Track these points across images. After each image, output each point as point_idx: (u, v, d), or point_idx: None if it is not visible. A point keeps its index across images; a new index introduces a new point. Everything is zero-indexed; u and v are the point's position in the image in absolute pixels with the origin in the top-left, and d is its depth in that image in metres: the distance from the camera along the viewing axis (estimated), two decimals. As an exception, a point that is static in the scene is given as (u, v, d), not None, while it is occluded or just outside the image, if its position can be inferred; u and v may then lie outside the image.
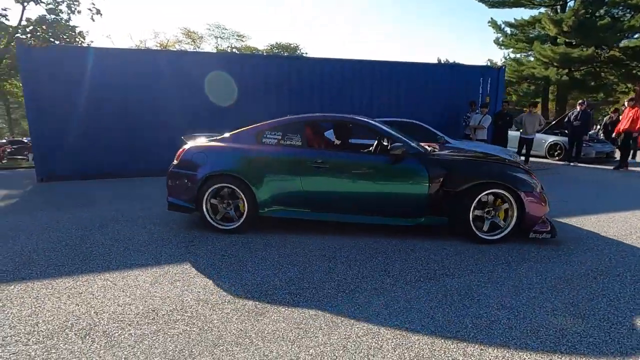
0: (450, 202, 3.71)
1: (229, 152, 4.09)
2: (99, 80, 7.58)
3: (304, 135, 4.10)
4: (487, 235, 3.71)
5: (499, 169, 3.79)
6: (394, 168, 3.81)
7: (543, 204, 3.68)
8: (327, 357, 1.95)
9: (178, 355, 1.97)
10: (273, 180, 3.96)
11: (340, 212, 4.00)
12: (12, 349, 2.03)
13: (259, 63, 9.06)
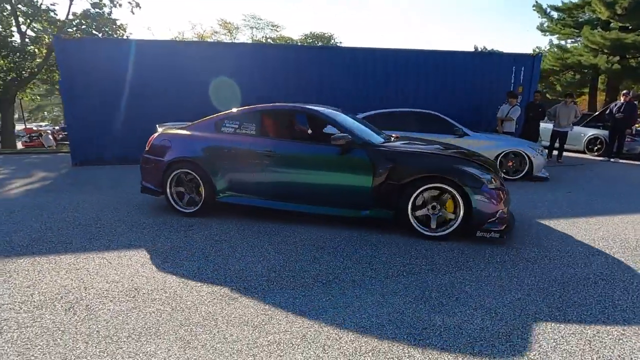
0: (394, 195, 3.59)
1: (190, 139, 4.30)
2: (132, 70, 7.95)
3: (259, 124, 4.19)
4: (429, 231, 3.55)
5: (444, 163, 3.62)
6: (341, 159, 3.77)
7: (494, 202, 3.40)
8: (284, 344, 1.98)
9: (145, 332, 2.08)
10: (228, 167, 4.11)
11: (289, 200, 4.02)
12: (4, 315, 2.24)
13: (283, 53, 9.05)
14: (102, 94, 7.93)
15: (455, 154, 3.82)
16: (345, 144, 3.69)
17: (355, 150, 3.74)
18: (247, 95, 7.88)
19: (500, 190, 3.49)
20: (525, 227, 3.99)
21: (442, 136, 6.49)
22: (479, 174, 3.47)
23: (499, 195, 3.45)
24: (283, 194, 4.03)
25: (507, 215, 3.53)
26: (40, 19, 15.47)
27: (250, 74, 8.51)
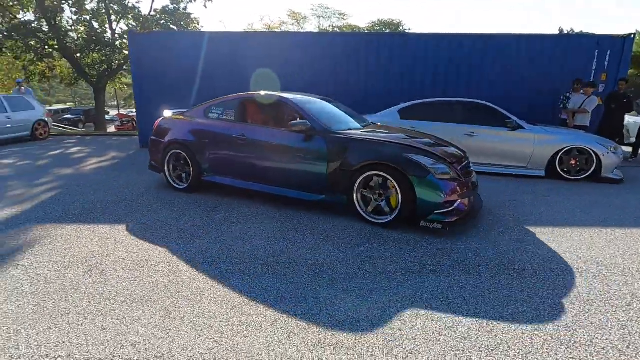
0: (347, 180, 3.71)
1: (182, 123, 4.85)
2: (194, 59, 8.58)
3: (237, 111, 4.55)
4: (373, 218, 3.64)
5: (391, 151, 3.58)
6: (302, 145, 3.97)
7: (442, 193, 3.34)
8: (253, 326, 2.04)
9: (139, 299, 2.30)
10: (210, 149, 4.56)
11: (260, 182, 4.33)
12: (38, 271, 2.65)
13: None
14: (167, 82, 8.69)
15: (410, 144, 3.70)
16: (305, 130, 3.90)
17: (315, 137, 3.92)
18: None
19: (455, 182, 3.45)
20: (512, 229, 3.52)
21: (490, 128, 5.94)
22: (428, 164, 3.42)
23: (451, 187, 3.40)
24: (254, 175, 4.36)
25: (467, 207, 3.50)
26: (127, 16, 17.35)
27: (312, 63, 8.63)
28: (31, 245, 3.09)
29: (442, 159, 3.55)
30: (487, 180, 5.57)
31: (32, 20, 15.99)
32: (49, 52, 16.66)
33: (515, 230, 3.59)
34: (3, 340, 1.90)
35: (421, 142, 3.87)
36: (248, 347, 1.87)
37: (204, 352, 1.82)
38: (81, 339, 1.91)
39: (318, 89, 7.46)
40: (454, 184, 3.43)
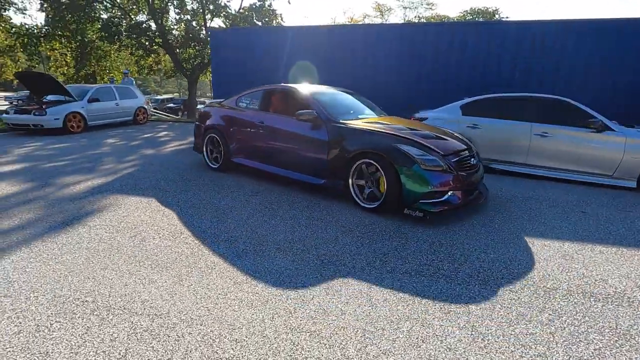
0: (342, 167, 3.96)
1: (217, 111, 5.53)
2: (266, 52, 9.13)
3: (260, 101, 5.11)
4: (365, 203, 3.85)
5: (382, 140, 3.76)
6: (309, 133, 4.28)
7: (426, 183, 3.46)
8: (245, 303, 2.18)
9: (162, 265, 2.62)
10: (237, 134, 5.14)
11: (274, 165, 4.76)
12: (98, 232, 3.17)
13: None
14: (240, 73, 9.37)
15: (403, 135, 3.79)
16: (311, 119, 4.23)
17: (320, 126, 4.22)
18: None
19: (447, 174, 3.53)
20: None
21: (569, 129, 5.17)
22: (415, 155, 3.53)
23: (441, 179, 3.50)
24: (270, 158, 4.81)
25: (461, 200, 3.62)
26: (219, 14, 18.99)
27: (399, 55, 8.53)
28: (100, 210, 3.70)
29: (434, 151, 3.61)
30: (558, 187, 4.90)
31: (143, 20, 18.56)
32: (155, 48, 19.17)
33: (557, 248, 3.13)
34: (53, 281, 2.36)
35: (417, 134, 3.92)
36: (232, 320, 2.02)
37: (195, 317, 2.03)
38: (106, 290, 2.27)
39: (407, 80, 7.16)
40: (444, 176, 3.52)
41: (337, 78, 8.33)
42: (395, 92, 8.38)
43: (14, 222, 3.34)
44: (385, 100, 6.79)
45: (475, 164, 3.92)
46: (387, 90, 8.41)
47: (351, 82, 8.16)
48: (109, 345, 1.79)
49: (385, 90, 8.37)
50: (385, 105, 5.70)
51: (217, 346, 1.81)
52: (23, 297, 2.18)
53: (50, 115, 9.02)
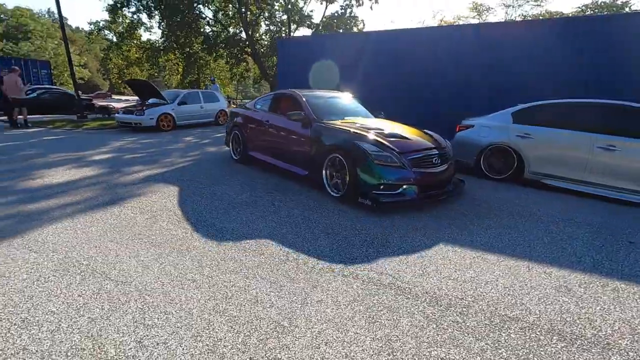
0: (320, 160, 4.55)
1: (240, 111, 6.59)
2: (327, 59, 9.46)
3: (270, 103, 5.98)
4: (332, 191, 4.43)
5: (346, 138, 4.32)
6: (300, 130, 4.95)
7: (377, 176, 3.91)
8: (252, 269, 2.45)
9: (156, 243, 3.06)
10: (251, 132, 6.08)
11: (277, 158, 5.49)
12: (130, 212, 3.80)
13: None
14: (303, 80, 9.86)
15: (366, 133, 4.26)
16: (299, 119, 4.94)
17: (308, 125, 4.87)
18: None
19: (401, 170, 3.95)
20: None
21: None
22: (371, 150, 4.00)
23: (393, 173, 3.93)
24: (275, 154, 5.54)
25: (418, 195, 4.01)
26: (304, 24, 20.09)
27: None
28: (139, 195, 4.40)
29: (391, 149, 4.03)
30: (600, 207, 4.10)
31: (236, 32, 20.70)
32: (245, 57, 21.19)
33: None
34: (71, 246, 2.96)
35: (383, 133, 4.34)
36: (175, 296, 2.29)
37: (148, 290, 2.36)
38: (100, 258, 2.77)
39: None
40: (398, 171, 3.94)
41: (392, 80, 8.21)
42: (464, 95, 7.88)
43: (75, 199, 4.21)
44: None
45: (438, 162, 4.23)
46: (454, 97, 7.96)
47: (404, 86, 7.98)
48: (74, 298, 2.23)
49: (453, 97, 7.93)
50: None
51: (148, 316, 2.10)
52: (44, 254, 2.80)
53: (147, 115, 10.78)
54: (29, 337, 1.88)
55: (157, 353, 1.79)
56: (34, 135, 9.50)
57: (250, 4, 18.93)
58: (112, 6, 21.57)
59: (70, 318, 2.04)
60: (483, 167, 5.63)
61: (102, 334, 1.92)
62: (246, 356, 1.79)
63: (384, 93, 8.65)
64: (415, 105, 8.42)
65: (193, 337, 1.92)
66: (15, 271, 2.53)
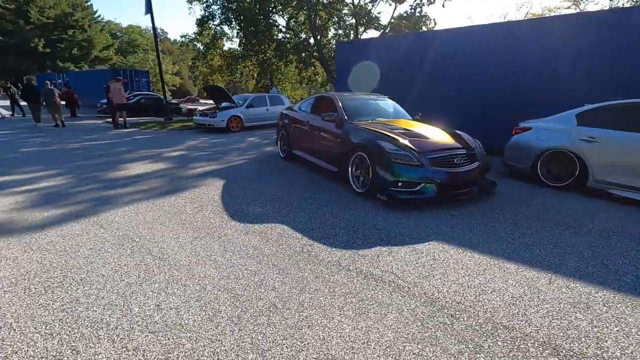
0: (347, 157, 4.84)
1: (287, 113, 7.19)
2: (386, 61, 9.42)
3: (312, 105, 6.49)
4: (357, 187, 4.67)
5: (368, 137, 4.55)
6: (334, 130, 5.29)
7: (394, 173, 4.07)
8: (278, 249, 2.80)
9: (196, 228, 3.52)
10: (295, 131, 6.60)
11: (316, 157, 5.85)
12: (180, 201, 4.39)
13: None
14: (361, 82, 9.96)
15: (387, 133, 4.47)
16: (332, 120, 5.31)
17: (340, 125, 5.22)
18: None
19: (419, 168, 4.05)
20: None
21: None
22: (389, 149, 4.18)
23: (411, 171, 4.04)
24: (314, 152, 5.94)
25: (436, 193, 4.08)
26: (371, 26, 20.09)
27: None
28: (193, 187, 5.01)
29: (411, 148, 4.16)
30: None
31: (305, 38, 21.51)
32: (312, 61, 21.91)
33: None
34: (130, 226, 3.56)
35: (405, 133, 4.53)
36: (202, 277, 2.67)
37: (179, 265, 2.78)
38: (149, 237, 3.30)
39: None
40: (416, 170, 4.05)
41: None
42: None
43: (143, 188, 4.97)
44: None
45: (460, 162, 4.26)
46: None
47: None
48: (120, 266, 2.73)
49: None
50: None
51: (170, 286, 2.49)
52: (110, 231, 3.43)
53: (218, 118, 11.90)
54: (82, 292, 2.39)
55: (168, 315, 2.15)
56: (129, 134, 11.17)
57: (319, 10, 19.56)
58: (200, 20, 24.09)
59: (113, 281, 2.53)
60: (540, 173, 5.17)
61: (133, 296, 2.34)
62: (236, 327, 2.05)
63: (432, 93, 8.38)
64: (466, 106, 8.00)
65: (199, 307, 2.24)
66: (86, 242, 3.16)
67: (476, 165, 4.39)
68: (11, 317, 2.10)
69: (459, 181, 4.23)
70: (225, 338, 1.96)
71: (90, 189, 4.84)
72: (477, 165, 4.41)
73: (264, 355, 1.83)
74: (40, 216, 3.77)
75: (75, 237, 3.25)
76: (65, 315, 2.14)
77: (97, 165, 6.42)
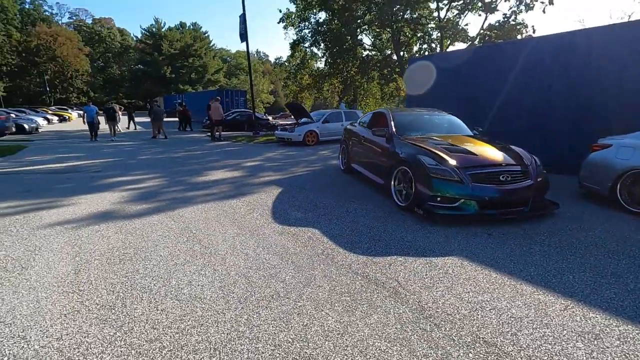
0: (391, 171, 4.95)
1: (347, 128, 7.68)
2: (463, 76, 9.10)
3: (369, 121, 6.72)
4: (399, 201, 4.72)
5: (411, 152, 4.64)
6: (384, 144, 5.46)
7: (431, 188, 4.07)
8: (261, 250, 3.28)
9: (235, 223, 4.09)
10: (353, 146, 6.95)
11: (369, 171, 6.00)
12: (237, 204, 5.08)
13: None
14: (437, 96, 9.73)
15: (430, 148, 4.50)
16: (383, 134, 5.53)
17: (390, 140, 5.35)
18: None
19: (457, 183, 3.99)
20: None
21: None
22: (429, 164, 4.20)
23: (450, 186, 4.01)
24: (368, 166, 6.12)
25: (477, 210, 3.98)
26: (458, 39, 19.33)
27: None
28: (253, 193, 5.67)
29: (450, 163, 4.13)
30: None
31: (389, 54, 21.69)
32: (394, 77, 21.91)
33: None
34: (193, 221, 4.31)
35: (449, 149, 4.50)
36: (245, 267, 3.18)
37: (220, 254, 3.33)
38: (204, 230, 3.97)
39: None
40: (454, 185, 3.99)
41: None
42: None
43: (214, 191, 5.83)
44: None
45: (507, 180, 4.08)
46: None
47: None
48: (173, 250, 3.40)
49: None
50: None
51: (204, 269, 3.04)
52: (176, 223, 4.21)
53: (296, 132, 12.88)
54: (142, 265, 3.08)
55: (194, 290, 2.66)
56: (221, 147, 12.85)
57: (403, 27, 19.66)
58: (293, 43, 26.27)
59: (166, 260, 3.18)
60: (620, 197, 4.51)
61: (175, 273, 2.94)
62: (240, 305, 2.45)
63: (500, 109, 7.80)
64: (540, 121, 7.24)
65: (220, 287, 2.71)
66: (158, 230, 3.97)
67: (528, 184, 4.14)
68: (92, 276, 2.87)
69: (505, 199, 4.05)
70: (229, 312, 2.37)
71: (176, 190, 5.89)
72: (530, 184, 4.15)
73: (252, 329, 2.19)
74: (134, 208, 4.81)
75: (152, 226, 4.10)
76: (126, 280, 2.82)
77: (187, 171, 7.68)
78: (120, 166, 8.33)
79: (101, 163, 8.85)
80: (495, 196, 4.01)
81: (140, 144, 13.60)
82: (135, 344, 2.05)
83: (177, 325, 2.23)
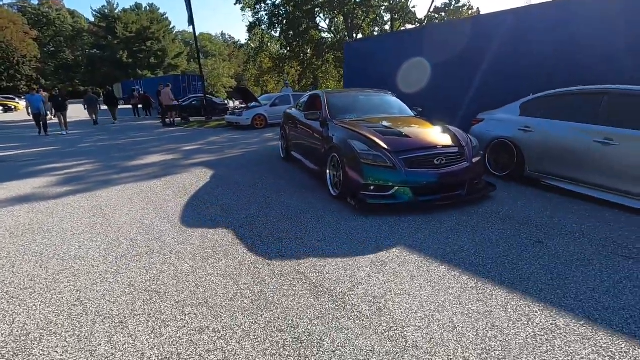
0: (325, 157, 4.60)
1: (286, 112, 7.07)
2: (392, 58, 9.64)
3: (306, 103, 6.18)
4: (332, 190, 4.40)
5: (342, 136, 4.31)
6: (319, 128, 5.05)
7: (363, 175, 3.77)
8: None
9: (155, 198, 4.51)
10: (290, 130, 6.51)
11: (306, 158, 5.74)
12: (172, 181, 5.47)
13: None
14: (371, 77, 10.26)
15: (361, 131, 4.16)
16: (317, 118, 5.10)
17: (324, 123, 4.95)
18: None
19: (390, 169, 3.70)
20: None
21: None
22: (359, 149, 3.86)
23: (381, 173, 3.71)
24: (301, 148, 5.95)
25: (412, 198, 3.71)
26: (408, 20, 19.94)
27: None
28: (177, 174, 6.05)
29: (383, 148, 3.82)
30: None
31: (343, 37, 22.07)
32: (348, 59, 22.47)
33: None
34: (109, 202, 4.68)
35: (381, 131, 4.19)
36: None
37: (122, 225, 3.75)
38: (115, 208, 4.36)
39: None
40: (387, 172, 3.71)
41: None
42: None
43: (141, 173, 6.15)
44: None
45: (441, 163, 3.82)
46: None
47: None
48: (77, 223, 3.79)
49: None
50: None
51: (96, 237, 3.47)
52: (89, 202, 4.56)
53: (244, 116, 13.16)
54: (42, 237, 3.46)
55: (80, 252, 3.09)
56: (170, 132, 12.95)
57: (354, 9, 20.00)
58: (250, 25, 26.01)
59: (64, 232, 3.58)
60: (488, 164, 5.27)
61: (68, 241, 3.35)
62: (115, 261, 2.92)
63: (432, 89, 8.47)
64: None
65: (104, 249, 3.16)
66: (68, 208, 4.31)
67: (465, 166, 3.89)
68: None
69: (441, 183, 3.78)
70: (104, 265, 2.83)
71: (104, 174, 6.17)
72: (467, 166, 3.90)
73: (116, 276, 2.67)
74: (54, 191, 5.09)
75: (64, 205, 4.44)
76: (23, 248, 3.20)
77: (123, 157, 7.89)
78: (56, 154, 8.41)
79: (38, 152, 8.86)
80: (431, 181, 3.73)
81: (87, 132, 13.44)
82: (11, 292, 2.49)
83: (53, 278, 2.67)
